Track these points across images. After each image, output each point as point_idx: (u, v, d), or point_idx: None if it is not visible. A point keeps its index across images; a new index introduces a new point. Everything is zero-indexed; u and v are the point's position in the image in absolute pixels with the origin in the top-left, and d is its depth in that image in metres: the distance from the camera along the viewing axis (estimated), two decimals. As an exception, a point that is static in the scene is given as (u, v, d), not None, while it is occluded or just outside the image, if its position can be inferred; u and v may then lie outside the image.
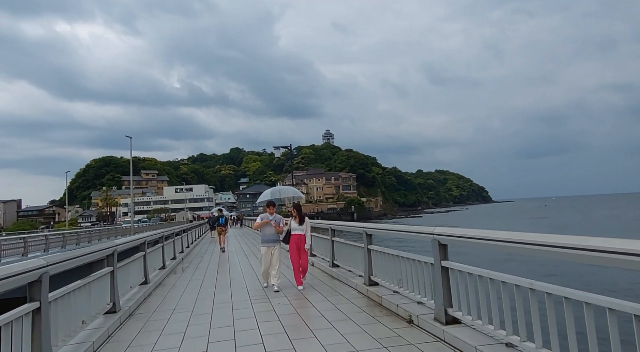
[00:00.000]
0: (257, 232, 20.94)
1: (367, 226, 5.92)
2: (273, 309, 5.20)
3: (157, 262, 8.30)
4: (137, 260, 6.63)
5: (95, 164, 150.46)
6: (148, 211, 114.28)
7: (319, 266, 8.49)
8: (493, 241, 3.23)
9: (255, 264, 9.65)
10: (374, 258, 5.81)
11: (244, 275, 8.05)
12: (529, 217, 70.73)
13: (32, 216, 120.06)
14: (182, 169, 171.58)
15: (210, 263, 10.36)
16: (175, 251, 10.88)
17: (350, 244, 7.07)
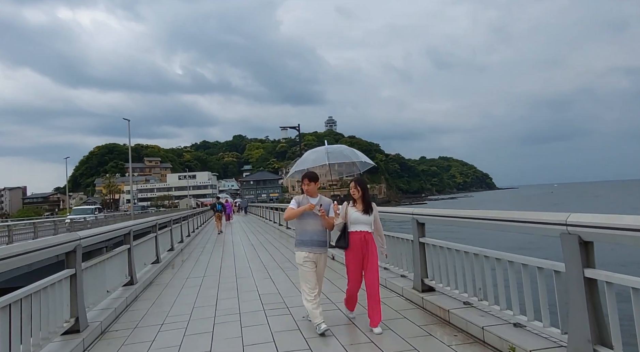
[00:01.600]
0: (283, 230, 20.84)
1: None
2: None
3: (149, 256, 7.22)
4: (119, 255, 5.38)
5: (98, 151, 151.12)
6: (151, 198, 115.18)
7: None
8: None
9: (265, 257, 9.13)
10: None
11: (252, 271, 7.05)
12: (544, 203, 69.76)
13: (37, 203, 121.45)
14: (185, 157, 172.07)
15: (213, 256, 9.44)
16: (173, 240, 10.18)
17: None
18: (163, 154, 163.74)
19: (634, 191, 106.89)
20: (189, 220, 15.57)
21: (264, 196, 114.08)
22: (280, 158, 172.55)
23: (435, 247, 4.25)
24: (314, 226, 3.83)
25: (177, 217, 11.82)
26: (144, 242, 7.14)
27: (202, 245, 12.27)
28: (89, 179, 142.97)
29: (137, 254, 6.39)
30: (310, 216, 3.80)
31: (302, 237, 3.86)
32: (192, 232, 16.08)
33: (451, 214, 3.99)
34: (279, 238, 12.96)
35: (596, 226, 2.40)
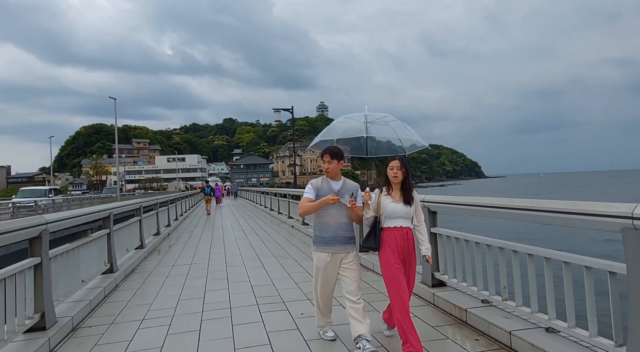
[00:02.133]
0: (274, 215, 20.47)
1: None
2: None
3: (132, 241, 6.66)
4: (97, 241, 4.82)
5: (85, 132, 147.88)
6: (140, 180, 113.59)
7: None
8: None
9: (256, 243, 8.81)
10: None
11: (243, 259, 6.79)
12: (533, 192, 70.91)
13: (22, 183, 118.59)
14: (174, 139, 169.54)
15: (202, 241, 9.08)
16: (159, 224, 9.68)
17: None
18: (152, 135, 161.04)
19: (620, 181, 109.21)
20: (178, 203, 15.01)
21: (254, 180, 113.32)
22: (271, 142, 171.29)
23: (449, 239, 3.83)
24: (337, 217, 2.94)
25: (164, 199, 11.25)
26: (127, 226, 6.61)
27: (191, 229, 11.77)
28: (75, 159, 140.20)
29: (118, 239, 5.88)
30: (335, 206, 2.91)
31: (323, 233, 2.97)
32: (181, 216, 15.52)
33: (471, 202, 3.46)
34: (271, 223, 12.51)
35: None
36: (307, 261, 6.16)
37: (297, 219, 11.39)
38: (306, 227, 9.73)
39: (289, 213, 12.38)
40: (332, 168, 3.01)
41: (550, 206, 2.61)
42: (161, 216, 10.39)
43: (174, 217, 13.65)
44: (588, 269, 2.49)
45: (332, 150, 3.04)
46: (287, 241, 8.61)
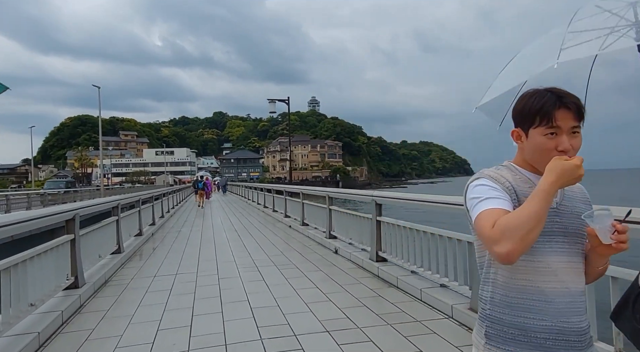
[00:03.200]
0: (268, 213, 19.53)
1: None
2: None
3: (106, 245, 5.69)
4: (55, 250, 3.84)
5: (70, 123, 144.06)
6: (127, 173, 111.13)
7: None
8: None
9: (252, 247, 7.89)
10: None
11: (239, 269, 5.88)
12: None
13: (3, 175, 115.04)
14: (163, 132, 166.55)
15: (190, 243, 8.10)
16: (141, 223, 8.65)
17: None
18: (140, 128, 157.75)
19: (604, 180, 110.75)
20: (165, 199, 13.88)
21: (244, 175, 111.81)
22: (262, 137, 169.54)
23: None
24: (565, 275, 1.08)
25: (147, 196, 10.17)
26: (100, 228, 5.58)
27: (178, 228, 10.71)
28: (60, 151, 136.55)
29: (87, 245, 4.87)
30: (555, 240, 1.08)
31: (522, 318, 1.07)
32: (167, 212, 14.42)
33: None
34: (265, 222, 11.53)
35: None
36: (313, 273, 5.23)
37: (296, 219, 10.44)
38: (306, 229, 8.78)
39: (285, 211, 11.40)
40: (575, 143, 1.11)
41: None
42: (144, 214, 9.33)
43: (160, 214, 12.56)
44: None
45: (577, 103, 1.12)
46: (285, 243, 7.66)
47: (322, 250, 6.82)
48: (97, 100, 28.46)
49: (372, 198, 5.28)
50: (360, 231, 5.97)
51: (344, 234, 6.72)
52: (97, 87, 27.86)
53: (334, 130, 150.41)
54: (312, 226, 8.83)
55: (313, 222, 8.70)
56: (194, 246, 7.59)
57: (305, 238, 8.22)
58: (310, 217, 8.98)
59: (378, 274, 4.94)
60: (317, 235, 7.80)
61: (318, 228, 8.31)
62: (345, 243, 6.62)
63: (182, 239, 8.64)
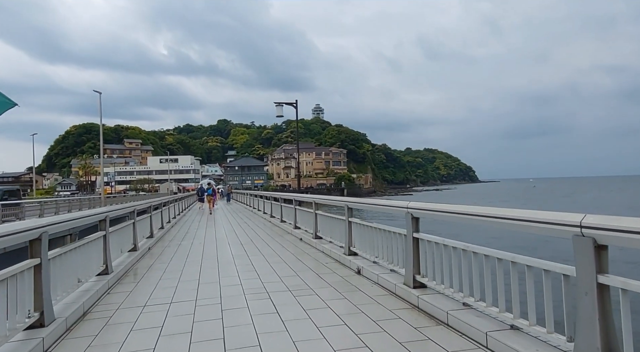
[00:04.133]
0: (276, 223, 18.61)
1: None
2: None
3: (87, 267, 4.69)
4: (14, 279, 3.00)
5: (75, 131, 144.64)
6: (131, 181, 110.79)
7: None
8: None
9: (261, 266, 6.92)
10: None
11: (246, 298, 4.96)
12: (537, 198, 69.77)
13: (8, 183, 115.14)
14: (167, 140, 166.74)
15: (189, 263, 6.82)
16: (136, 237, 7.73)
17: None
18: (144, 136, 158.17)
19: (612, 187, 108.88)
20: (165, 208, 13.00)
21: (248, 182, 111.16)
22: (266, 144, 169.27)
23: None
24: None
25: (145, 205, 9.30)
26: (83, 246, 4.69)
27: (178, 241, 9.80)
28: (64, 159, 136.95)
29: (60, 269, 3.98)
30: None
31: None
32: (168, 223, 13.54)
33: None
34: (272, 233, 10.61)
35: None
36: (337, 302, 4.29)
37: (307, 230, 9.51)
38: (320, 242, 7.85)
39: (295, 222, 10.47)
40: None
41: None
42: (141, 226, 8.45)
43: (160, 225, 11.69)
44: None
45: None
46: (298, 261, 6.72)
47: (341, 269, 5.88)
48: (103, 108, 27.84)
49: (407, 210, 4.33)
50: (389, 249, 5.03)
51: (367, 251, 5.78)
52: (98, 92, 27.28)
53: (339, 138, 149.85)
54: (326, 239, 7.90)
55: (328, 236, 7.77)
56: (194, 264, 6.66)
57: (320, 254, 7.29)
58: (324, 229, 8.05)
59: (418, 304, 3.99)
60: (334, 250, 6.86)
61: (334, 242, 7.38)
62: (369, 261, 5.69)
63: (182, 255, 7.71)
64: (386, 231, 5.13)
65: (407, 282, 4.36)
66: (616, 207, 45.01)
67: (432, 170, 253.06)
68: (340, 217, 6.82)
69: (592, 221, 2.28)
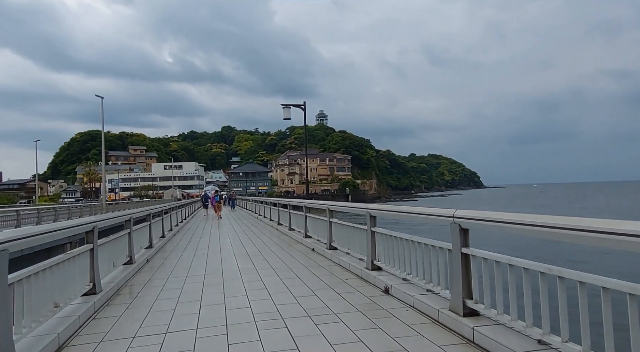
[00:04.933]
0: (284, 231, 17.61)
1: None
2: None
3: (71, 285, 4.04)
4: None
5: (80, 138, 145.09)
6: (135, 188, 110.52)
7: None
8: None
9: (272, 283, 6.10)
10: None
11: (257, 326, 4.69)
12: (543, 204, 68.60)
13: (13, 190, 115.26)
14: (172, 146, 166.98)
15: (190, 278, 6.14)
16: (132, 250, 7.04)
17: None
18: (149, 142, 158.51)
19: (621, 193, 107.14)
20: (166, 216, 12.27)
21: (252, 188, 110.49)
22: (270, 151, 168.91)
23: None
24: None
25: (143, 214, 8.56)
26: (65, 261, 3.95)
27: (179, 252, 9.03)
28: (70, 166, 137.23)
29: (37, 288, 3.24)
30: None
31: None
32: (170, 231, 12.81)
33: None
34: (281, 242, 9.82)
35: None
36: (368, 332, 3.50)
37: (318, 239, 8.73)
38: (335, 254, 7.07)
39: (305, 231, 9.68)
40: None
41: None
42: (138, 235, 7.71)
43: (161, 233, 10.95)
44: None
45: None
46: (313, 276, 5.93)
47: (365, 287, 5.08)
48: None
49: (454, 220, 3.61)
50: (425, 265, 4.25)
51: (395, 266, 4.99)
52: (99, 97, 26.78)
53: (343, 144, 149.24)
54: (342, 250, 7.11)
55: (345, 246, 6.97)
56: (196, 281, 5.87)
57: (337, 267, 6.49)
58: (340, 239, 7.26)
59: (473, 339, 3.20)
60: (353, 264, 6.06)
61: (352, 254, 6.59)
62: (397, 278, 4.89)
63: (182, 268, 6.93)
64: (421, 244, 4.34)
65: (455, 308, 3.58)
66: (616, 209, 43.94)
67: (436, 176, 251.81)
68: (361, 227, 6.04)
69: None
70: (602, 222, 2.29)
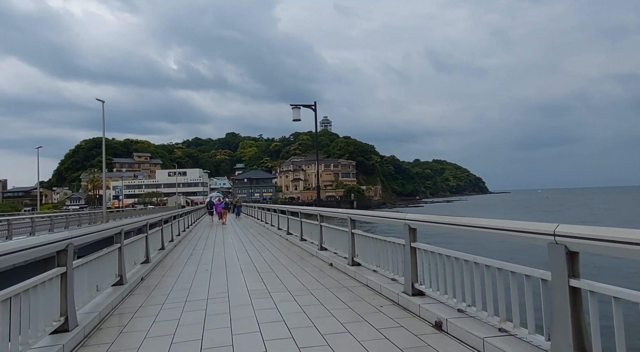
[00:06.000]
0: (294, 241, 16.58)
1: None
2: None
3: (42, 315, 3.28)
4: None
5: (85, 145, 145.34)
6: (139, 195, 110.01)
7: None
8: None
9: (290, 312, 5.02)
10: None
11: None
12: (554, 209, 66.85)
13: (18, 197, 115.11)
14: (176, 153, 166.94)
15: (188, 306, 5.10)
16: (123, 267, 6.51)
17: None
18: (153, 149, 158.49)
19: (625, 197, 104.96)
20: (167, 225, 11.29)
21: (257, 195, 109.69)
22: (274, 157, 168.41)
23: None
24: None
25: (139, 224, 7.59)
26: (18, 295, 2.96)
27: (179, 267, 8.02)
28: (74, 173, 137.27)
29: None
30: None
31: None
32: (171, 241, 11.82)
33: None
34: (293, 256, 8.80)
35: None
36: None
37: (336, 252, 7.72)
38: (359, 271, 6.04)
39: (320, 242, 8.64)
40: None
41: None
42: (132, 250, 6.73)
43: (160, 245, 9.96)
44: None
45: None
46: (338, 300, 4.91)
47: (408, 320, 4.04)
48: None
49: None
50: (500, 296, 3.21)
51: (448, 293, 3.94)
52: (100, 100, 26.05)
53: (347, 149, 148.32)
54: (367, 267, 6.08)
55: (371, 262, 5.94)
56: (196, 308, 4.83)
57: (364, 289, 5.46)
58: (365, 254, 6.22)
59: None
60: (385, 286, 5.03)
61: (380, 272, 5.56)
62: (451, 308, 3.86)
63: (182, 290, 5.90)
64: (491, 267, 3.31)
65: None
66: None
67: (441, 181, 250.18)
68: (395, 241, 5.01)
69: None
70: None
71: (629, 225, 2.12)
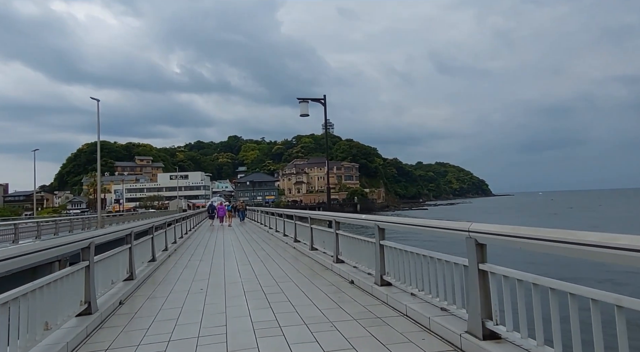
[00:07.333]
0: (303, 250, 14.92)
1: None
2: None
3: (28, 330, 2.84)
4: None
5: (87, 149, 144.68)
6: (141, 198, 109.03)
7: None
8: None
9: (295, 336, 4.15)
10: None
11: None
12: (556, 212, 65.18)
13: (19, 202, 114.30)
14: (178, 156, 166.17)
15: (177, 334, 4.20)
16: (89, 292, 5.42)
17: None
18: (155, 153, 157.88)
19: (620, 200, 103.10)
20: (159, 233, 10.04)
21: (259, 198, 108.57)
22: (277, 160, 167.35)
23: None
24: None
25: (117, 235, 6.32)
26: None
27: (170, 284, 6.74)
28: (76, 177, 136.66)
29: None
30: None
31: None
32: (165, 251, 10.58)
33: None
34: (303, 269, 7.53)
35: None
36: None
37: (355, 266, 6.45)
38: (390, 292, 4.78)
39: (336, 254, 7.34)
40: None
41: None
42: (106, 267, 5.46)
43: (150, 256, 8.69)
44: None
45: None
46: (374, 340, 3.64)
47: None
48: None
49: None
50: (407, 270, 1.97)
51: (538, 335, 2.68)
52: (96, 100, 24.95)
53: (350, 152, 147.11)
54: (400, 288, 4.80)
55: (407, 283, 4.65)
56: (187, 345, 3.56)
57: (402, 320, 4.17)
58: (398, 271, 4.92)
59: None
60: (436, 320, 3.75)
61: (421, 296, 4.29)
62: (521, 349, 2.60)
63: (166, 323, 4.57)
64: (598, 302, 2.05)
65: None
66: None
67: (444, 184, 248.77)
68: (451, 259, 3.74)
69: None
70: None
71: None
